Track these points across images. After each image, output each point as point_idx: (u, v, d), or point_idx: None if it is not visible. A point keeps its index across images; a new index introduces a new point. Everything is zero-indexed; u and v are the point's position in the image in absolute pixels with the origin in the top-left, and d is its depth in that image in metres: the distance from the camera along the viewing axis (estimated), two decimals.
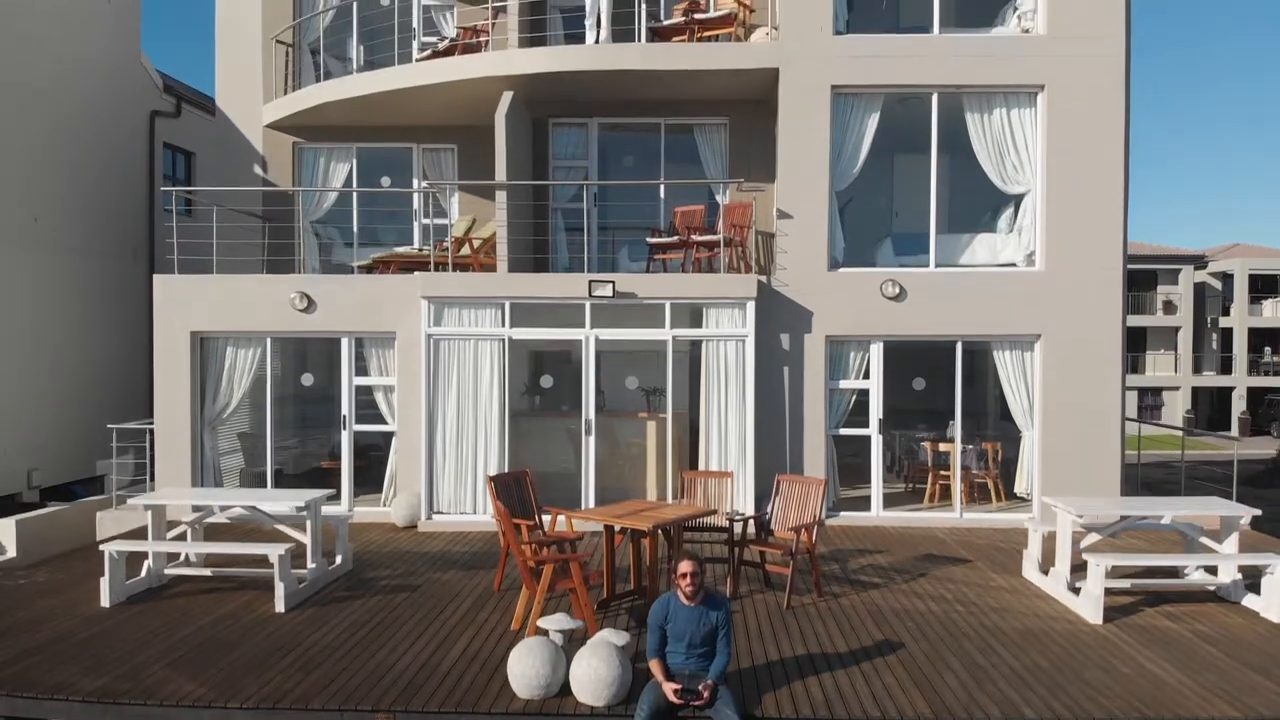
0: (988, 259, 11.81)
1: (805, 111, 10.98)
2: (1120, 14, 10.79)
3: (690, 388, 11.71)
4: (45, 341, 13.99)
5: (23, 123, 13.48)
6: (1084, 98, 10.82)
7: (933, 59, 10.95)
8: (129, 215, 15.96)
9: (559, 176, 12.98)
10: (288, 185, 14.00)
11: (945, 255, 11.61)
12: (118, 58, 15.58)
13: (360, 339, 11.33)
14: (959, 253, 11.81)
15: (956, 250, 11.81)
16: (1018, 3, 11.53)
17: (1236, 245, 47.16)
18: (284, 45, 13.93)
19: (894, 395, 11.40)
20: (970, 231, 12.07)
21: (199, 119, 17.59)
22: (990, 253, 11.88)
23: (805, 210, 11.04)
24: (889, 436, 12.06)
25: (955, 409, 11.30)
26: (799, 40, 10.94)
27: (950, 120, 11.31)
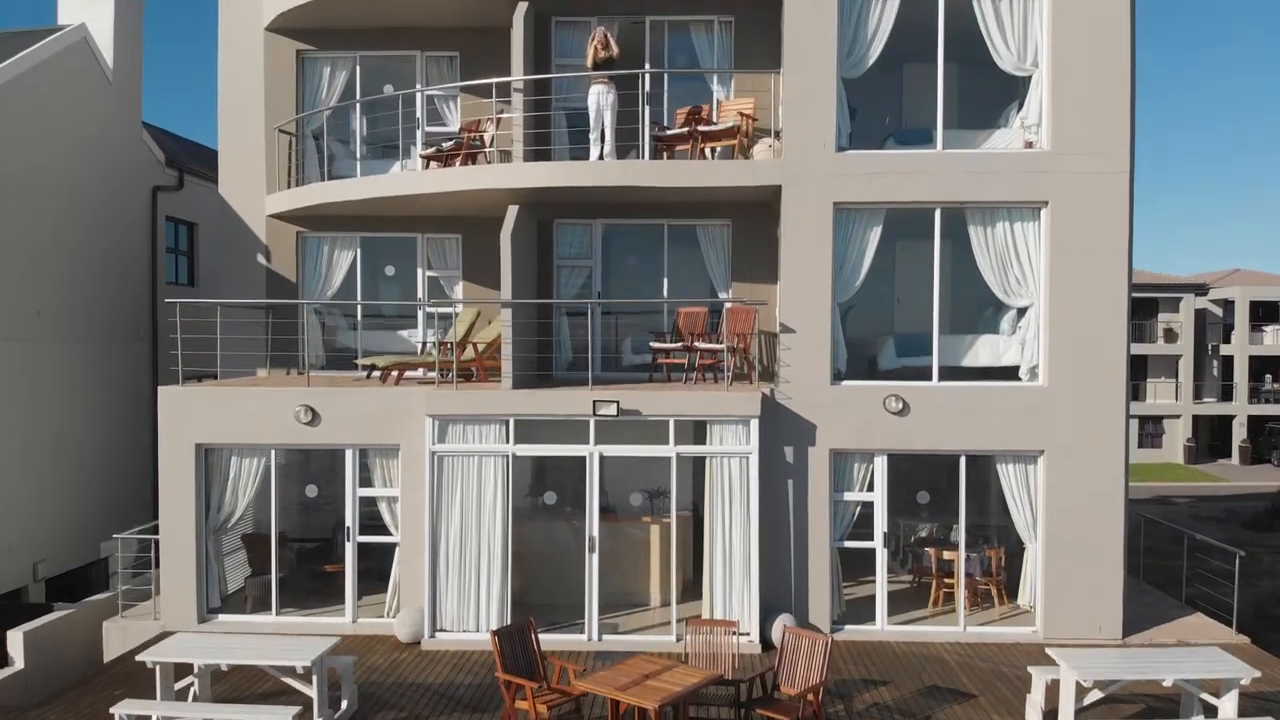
0: (990, 360, 11.84)
1: (808, 227, 11.00)
2: (1125, 131, 10.81)
3: (694, 482, 11.75)
4: (46, 431, 14.00)
5: (25, 216, 13.49)
6: (1088, 214, 10.84)
7: (936, 175, 10.97)
8: (131, 294, 15.98)
9: (563, 275, 13.01)
10: (291, 273, 14.04)
11: (948, 356, 11.62)
12: (120, 137, 15.59)
13: (364, 449, 11.36)
14: (962, 354, 11.82)
15: (960, 351, 11.83)
16: (1023, 111, 11.54)
17: (1237, 271, 47.19)
18: (287, 134, 13.94)
19: (899, 490, 11.43)
20: (973, 333, 12.09)
21: (201, 187, 17.60)
22: (993, 354, 11.89)
23: (808, 323, 11.06)
24: (893, 523, 12.08)
25: (959, 517, 11.34)
26: (801, 158, 10.95)
27: (953, 227, 11.34)
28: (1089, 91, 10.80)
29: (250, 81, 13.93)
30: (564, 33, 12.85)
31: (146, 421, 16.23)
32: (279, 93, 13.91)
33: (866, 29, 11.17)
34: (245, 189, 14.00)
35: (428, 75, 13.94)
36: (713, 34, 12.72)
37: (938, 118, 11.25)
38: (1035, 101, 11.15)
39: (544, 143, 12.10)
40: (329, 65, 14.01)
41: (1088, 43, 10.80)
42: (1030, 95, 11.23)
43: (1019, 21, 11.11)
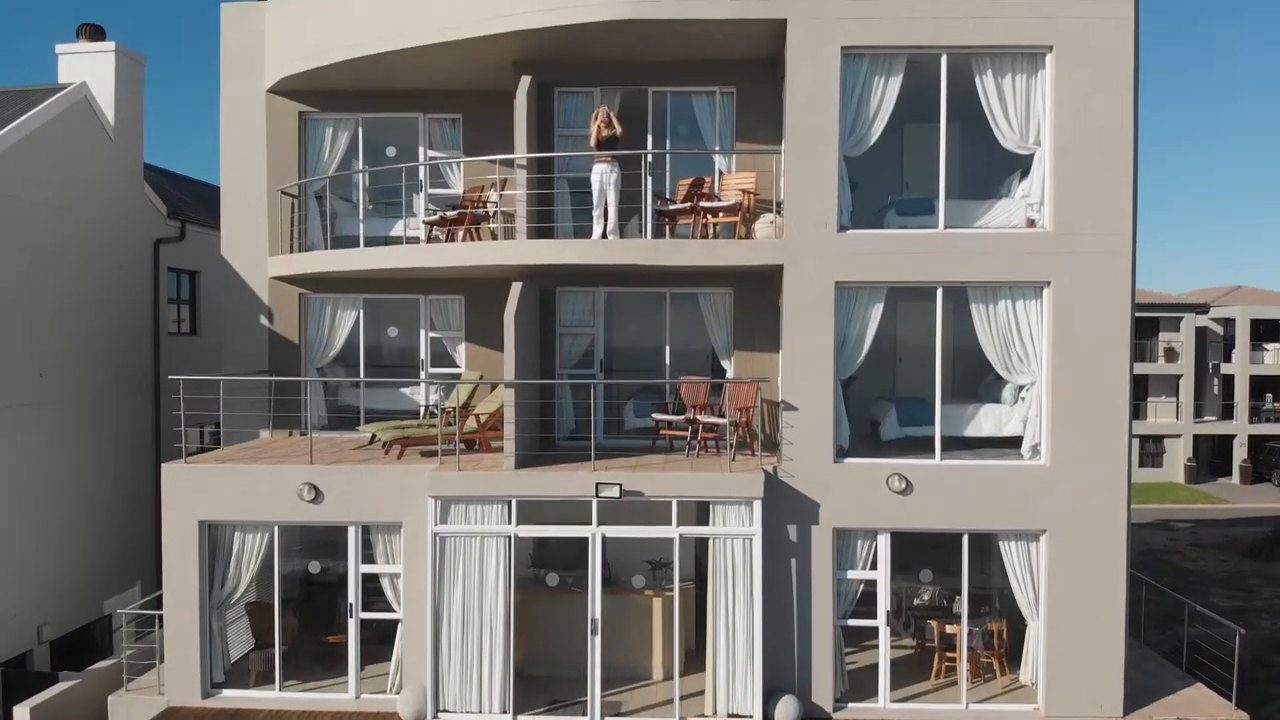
0: (993, 430, 11.88)
1: (809, 306, 11.01)
2: (1127, 212, 10.83)
3: (697, 548, 11.76)
4: (48, 492, 14.01)
5: (27, 279, 13.50)
6: (1090, 294, 10.85)
7: (938, 255, 10.99)
8: (133, 347, 15.99)
9: (566, 343, 13.04)
10: (293, 334, 14.07)
11: (951, 426, 11.65)
12: (121, 192, 15.61)
13: (367, 526, 11.38)
14: (965, 424, 11.86)
15: (962, 421, 11.86)
16: (1025, 181, 11.55)
17: (1237, 288, 47.20)
18: (289, 197, 13.96)
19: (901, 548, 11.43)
20: (976, 402, 12.11)
21: (204, 234, 17.59)
22: (995, 425, 11.93)
23: (810, 401, 11.08)
24: (896, 586, 12.07)
25: (962, 591, 11.37)
26: (803, 238, 10.97)
27: (956, 301, 11.37)
28: (1091, 172, 10.82)
29: (252, 142, 13.97)
30: (567, 102, 12.86)
31: (149, 475, 16.25)
32: (281, 153, 13.95)
33: (868, 108, 11.19)
34: (247, 250, 14.04)
35: (430, 137, 13.98)
36: (714, 103, 12.73)
37: (939, 190, 11.26)
38: (1038, 179, 11.17)
39: (547, 208, 12.08)
40: (331, 126, 14.03)
41: (1090, 123, 10.81)
42: (1033, 173, 11.25)
43: (1021, 100, 11.12)
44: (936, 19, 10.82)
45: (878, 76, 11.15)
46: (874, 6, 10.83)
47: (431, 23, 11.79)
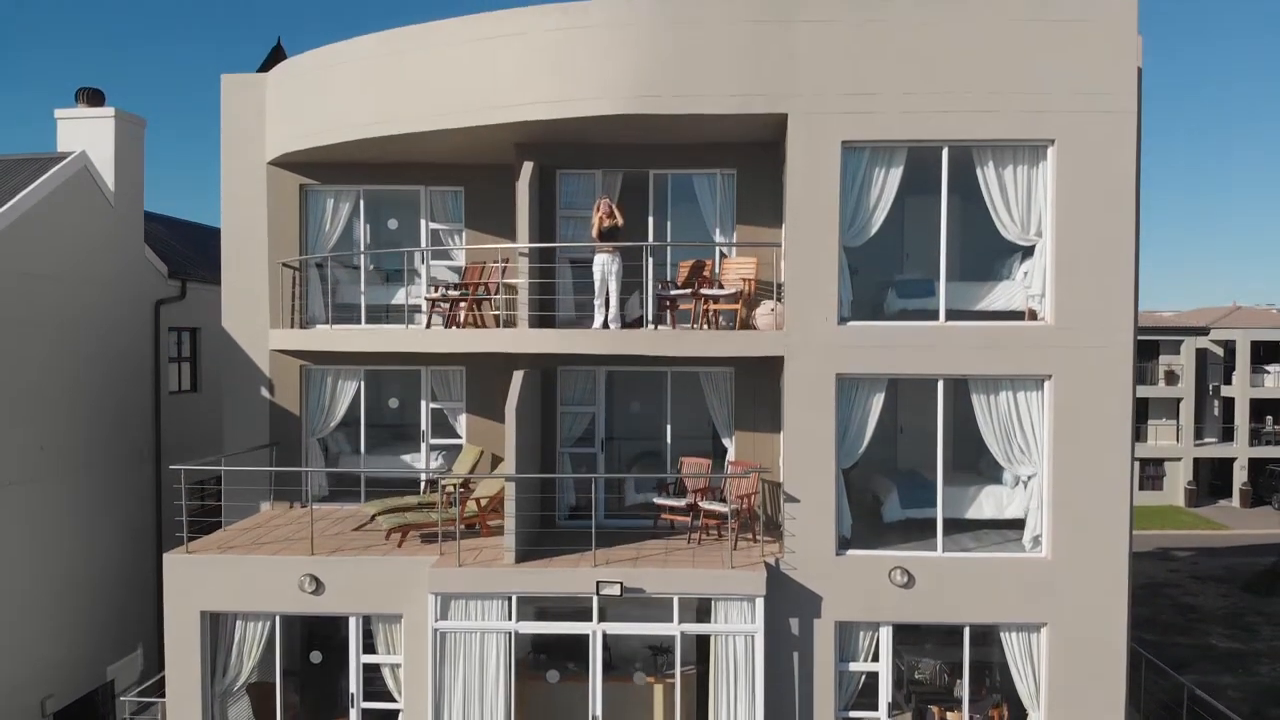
0: (994, 513, 11.90)
1: (810, 397, 11.02)
2: (1129, 307, 10.83)
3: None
4: (51, 565, 14.00)
5: (29, 357, 13.50)
6: (1091, 387, 10.85)
7: (939, 349, 10.99)
8: (135, 413, 15.99)
9: (566, 421, 13.03)
10: (294, 406, 14.08)
11: (953, 509, 11.67)
12: (122, 258, 15.60)
13: (368, 617, 11.39)
14: (966, 505, 11.89)
15: (964, 503, 11.89)
16: (1026, 264, 11.55)
17: (1238, 309, 47.20)
18: (290, 268, 13.96)
19: None
20: (977, 482, 12.12)
21: (205, 290, 17.59)
22: (997, 507, 11.95)
23: (812, 493, 11.08)
24: (898, 661, 12.07)
25: (963, 679, 11.38)
26: (803, 330, 10.97)
27: (957, 386, 11.37)
28: (1093, 266, 10.82)
29: (252, 213, 13.98)
30: (568, 183, 12.86)
31: (151, 537, 16.28)
32: (282, 224, 13.96)
33: (869, 199, 11.19)
34: (248, 321, 14.05)
35: (432, 208, 13.98)
36: (715, 184, 12.73)
37: (940, 274, 11.27)
38: (1039, 271, 11.17)
39: (549, 296, 12.08)
40: (332, 198, 14.04)
41: (1092, 217, 10.81)
42: (1035, 264, 11.25)
43: (1022, 192, 11.13)
44: (937, 113, 10.82)
45: (878, 168, 11.16)
46: (874, 101, 10.83)
47: (433, 109, 11.79)
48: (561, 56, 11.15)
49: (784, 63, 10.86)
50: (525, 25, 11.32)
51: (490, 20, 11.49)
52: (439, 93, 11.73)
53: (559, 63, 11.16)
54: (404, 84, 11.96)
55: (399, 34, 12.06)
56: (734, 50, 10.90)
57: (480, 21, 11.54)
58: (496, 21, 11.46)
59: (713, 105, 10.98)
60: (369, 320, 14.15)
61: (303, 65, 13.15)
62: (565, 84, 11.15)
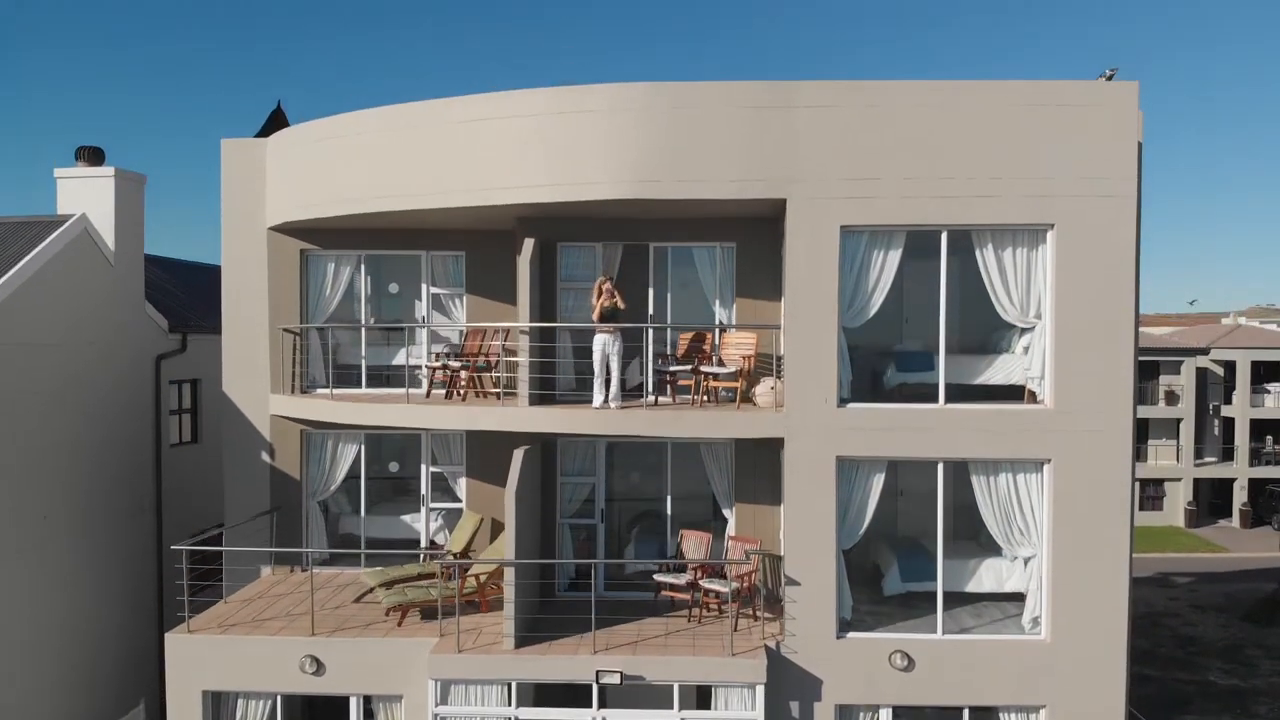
0: (994, 587, 11.91)
1: (811, 479, 11.04)
2: (1128, 392, 10.84)
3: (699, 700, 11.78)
4: (52, 621, 13.98)
5: (30, 425, 13.50)
6: (1090, 471, 10.87)
7: (939, 432, 11.01)
8: (136, 469, 15.99)
9: (566, 490, 13.06)
10: (294, 470, 14.11)
11: (952, 582, 11.69)
12: (122, 317, 15.59)
13: (368, 696, 11.41)
14: (966, 579, 11.89)
15: (964, 576, 11.90)
16: (1027, 340, 11.56)
17: (1238, 328, 47.20)
18: (291, 334, 13.98)
19: None
20: (976, 557, 12.12)
21: (205, 340, 17.58)
22: (996, 581, 11.95)
23: (813, 574, 11.09)
24: None
25: None
26: (803, 412, 10.98)
27: (957, 468, 11.40)
28: (1092, 351, 10.83)
29: (253, 277, 14.01)
30: (569, 255, 12.90)
31: (152, 592, 16.29)
32: (282, 289, 13.98)
33: (868, 281, 11.21)
34: (249, 386, 14.08)
35: (433, 273, 14.00)
36: (715, 256, 12.77)
37: (940, 351, 11.28)
38: (1038, 354, 11.18)
39: (550, 375, 12.11)
40: (333, 262, 14.06)
41: (1091, 302, 10.82)
42: (1034, 347, 11.27)
43: (1022, 275, 11.15)
44: (937, 198, 10.84)
45: (878, 250, 11.18)
46: (874, 186, 10.85)
47: (435, 187, 11.81)
48: (563, 139, 11.17)
49: (784, 148, 10.88)
50: (527, 107, 11.34)
51: (493, 101, 11.51)
52: (441, 171, 11.75)
53: (561, 146, 11.18)
54: (406, 161, 11.97)
55: (402, 110, 12.06)
56: (734, 135, 10.91)
57: (483, 102, 11.55)
58: (499, 102, 11.47)
59: (712, 190, 10.99)
60: (370, 381, 14.20)
61: (304, 136, 13.17)
62: (567, 167, 11.17)
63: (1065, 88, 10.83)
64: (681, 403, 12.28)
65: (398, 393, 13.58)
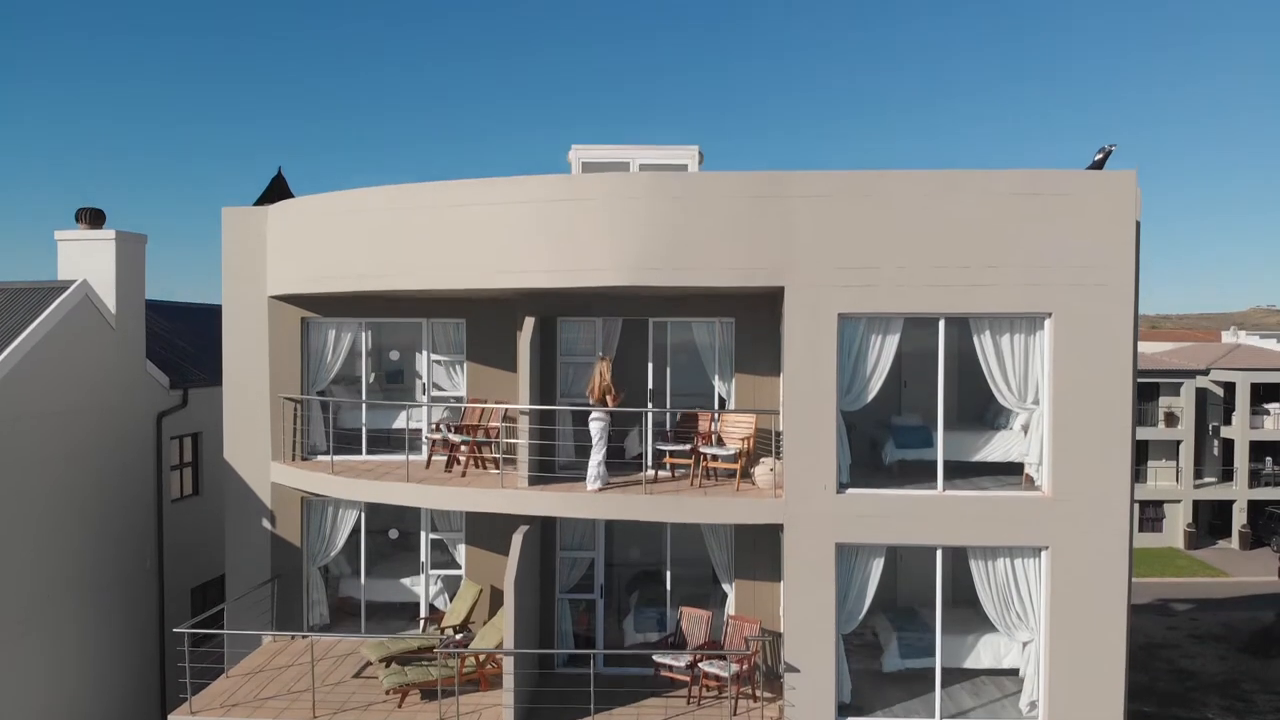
0: (992, 663, 11.99)
1: (810, 567, 11.08)
2: (1125, 480, 10.89)
3: None
4: (58, 687, 14.03)
5: (33, 497, 13.55)
6: (1087, 559, 10.91)
7: (937, 518, 11.05)
8: (138, 531, 16.03)
9: (565, 565, 13.11)
10: (295, 537, 14.15)
11: (950, 658, 11.77)
12: (123, 378, 15.63)
13: None
14: (964, 655, 12.00)
15: (961, 653, 11.99)
16: (1023, 420, 11.62)
17: (1238, 348, 47.23)
18: (292, 402, 14.03)
19: None
20: (975, 633, 12.17)
21: (206, 393, 17.63)
22: (994, 657, 12.03)
23: (813, 660, 11.12)
24: None
25: None
26: (802, 500, 11.03)
27: (956, 553, 11.45)
28: (1089, 438, 10.87)
29: (254, 344, 14.06)
30: (569, 329, 12.96)
31: (154, 649, 16.34)
32: (283, 356, 14.02)
33: (866, 365, 11.26)
34: (250, 453, 14.12)
35: (434, 340, 14.04)
36: (714, 330, 12.82)
37: (938, 433, 11.35)
38: (1036, 440, 11.23)
39: (549, 457, 12.16)
40: (334, 329, 14.10)
41: (1089, 389, 10.86)
42: (1032, 433, 11.32)
43: (1019, 361, 11.19)
44: (933, 286, 10.89)
45: (875, 335, 11.22)
46: (871, 275, 10.90)
47: (436, 268, 11.88)
48: (566, 226, 11.21)
49: (781, 237, 10.93)
50: (531, 193, 11.39)
51: (497, 186, 11.56)
52: (444, 252, 11.79)
53: (563, 232, 11.22)
54: (409, 241, 12.00)
55: (406, 190, 12.11)
56: (733, 224, 10.97)
57: (486, 186, 11.61)
58: (503, 187, 11.53)
59: (712, 278, 11.06)
60: (371, 444, 14.26)
61: (306, 209, 13.23)
62: (569, 254, 11.22)
63: (1063, 177, 10.88)
64: (681, 476, 12.34)
65: (398, 460, 13.64)
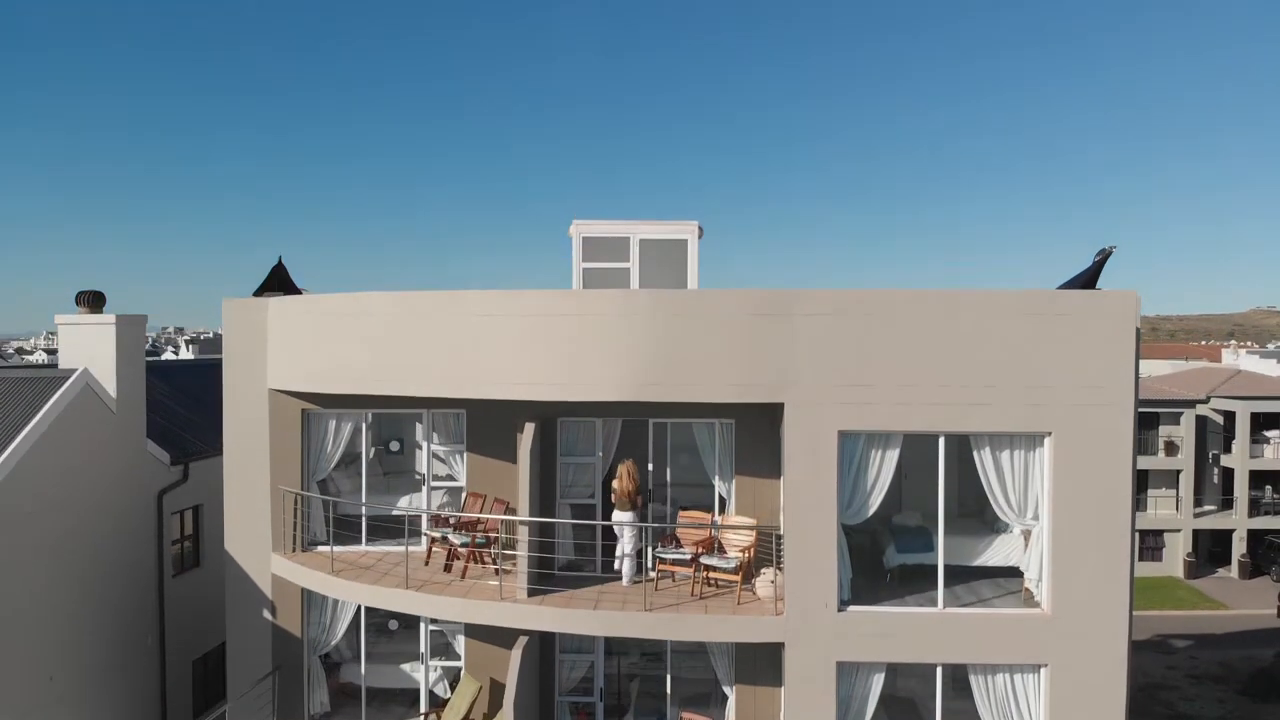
0: None
1: (812, 684, 11.10)
2: (1124, 598, 10.90)
3: None
4: None
5: (37, 587, 13.56)
6: (1086, 678, 10.93)
7: (938, 636, 11.06)
8: (139, 609, 16.04)
9: (565, 667, 13.12)
10: (295, 628, 14.15)
11: None
12: (124, 461, 15.63)
13: None
14: None
15: None
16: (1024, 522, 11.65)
17: (1239, 374, 47.23)
18: (292, 494, 14.03)
19: None
20: None
21: (206, 464, 17.63)
22: None
23: None
24: None
25: None
26: (803, 617, 11.05)
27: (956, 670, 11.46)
28: (1089, 556, 10.89)
29: (255, 435, 14.05)
30: (568, 430, 12.97)
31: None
32: (284, 446, 14.00)
33: (866, 480, 11.28)
34: (251, 544, 14.12)
35: (434, 430, 14.04)
36: (714, 432, 12.81)
37: (939, 544, 11.37)
38: (1036, 555, 11.25)
39: (547, 570, 12.17)
40: (334, 420, 14.08)
41: (1089, 507, 10.89)
42: (1031, 548, 11.33)
43: (1019, 478, 11.21)
44: (933, 404, 10.90)
45: (876, 449, 11.25)
46: (871, 393, 10.91)
47: (433, 377, 11.89)
48: (568, 340, 11.23)
49: (782, 354, 10.95)
50: (534, 306, 11.42)
51: (501, 298, 11.60)
52: (446, 361, 11.81)
53: (565, 347, 11.24)
54: (411, 347, 12.03)
55: (409, 297, 12.14)
56: (734, 341, 10.99)
57: (490, 299, 11.64)
58: (505, 300, 11.56)
59: (712, 394, 11.09)
60: (370, 533, 14.26)
61: (308, 308, 13.24)
62: (570, 369, 11.24)
63: (1063, 298, 10.90)
64: (682, 580, 12.34)
65: (398, 552, 13.63)
